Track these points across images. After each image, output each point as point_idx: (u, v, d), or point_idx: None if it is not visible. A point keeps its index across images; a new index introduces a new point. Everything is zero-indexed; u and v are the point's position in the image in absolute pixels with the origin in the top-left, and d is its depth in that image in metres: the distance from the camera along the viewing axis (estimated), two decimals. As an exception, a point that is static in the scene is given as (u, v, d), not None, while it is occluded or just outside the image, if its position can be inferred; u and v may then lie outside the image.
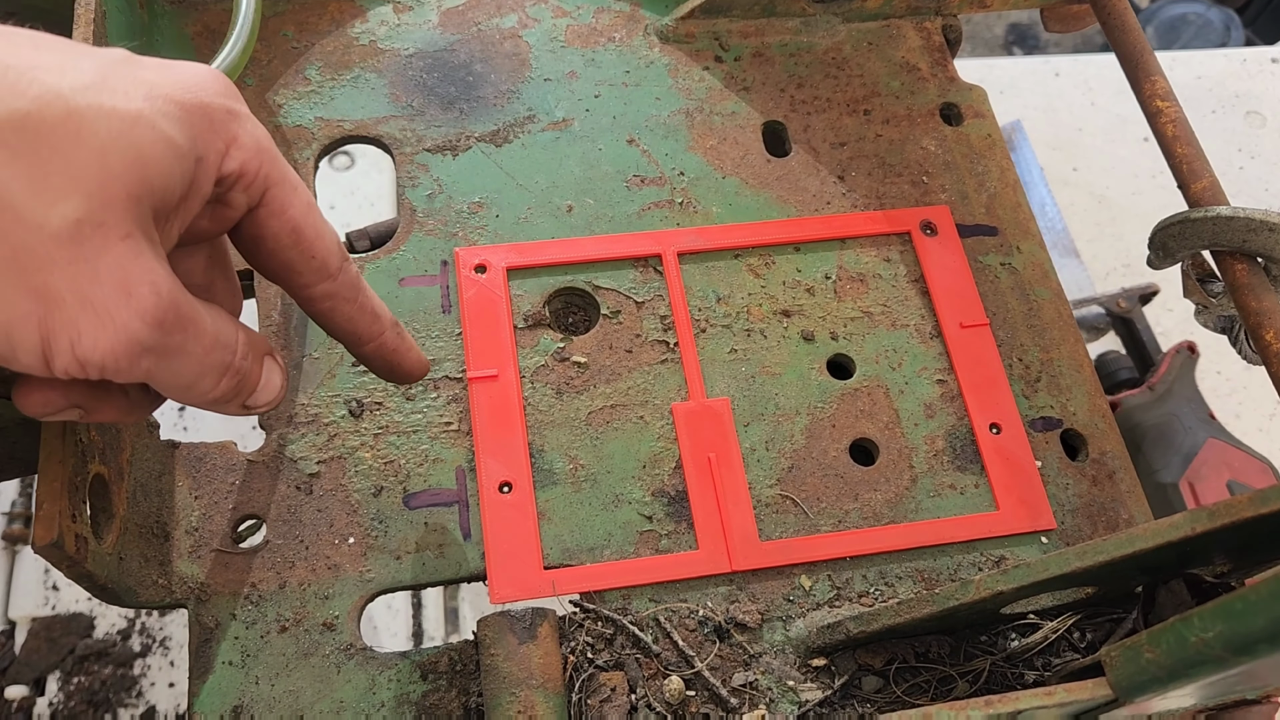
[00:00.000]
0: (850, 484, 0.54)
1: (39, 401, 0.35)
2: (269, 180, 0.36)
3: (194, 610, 0.48)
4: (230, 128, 0.34)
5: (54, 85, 0.30)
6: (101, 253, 0.30)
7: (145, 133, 0.31)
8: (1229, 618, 0.34)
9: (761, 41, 0.67)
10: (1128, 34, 0.64)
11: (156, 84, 0.32)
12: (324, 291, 0.39)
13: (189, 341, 0.33)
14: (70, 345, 0.30)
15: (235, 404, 0.37)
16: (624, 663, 0.48)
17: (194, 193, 0.33)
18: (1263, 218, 0.54)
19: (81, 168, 0.30)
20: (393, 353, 0.43)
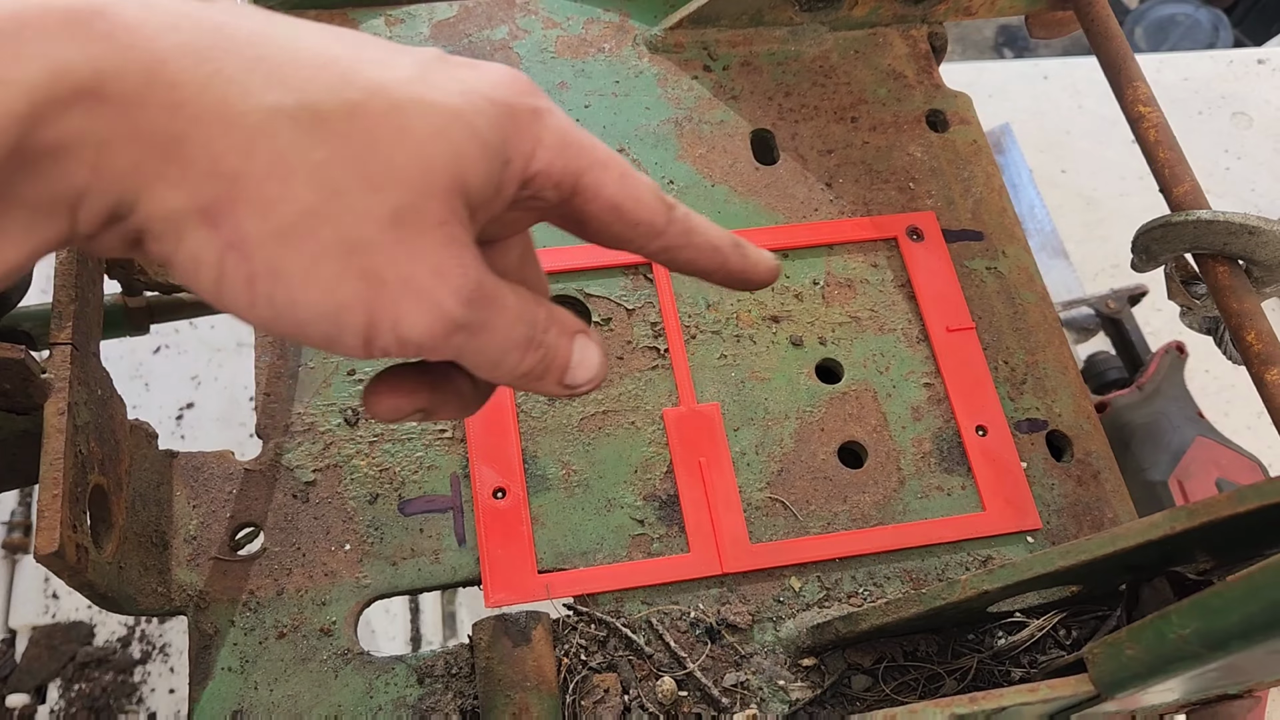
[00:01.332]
0: (839, 486, 0.55)
1: (389, 408, 0.36)
2: (578, 171, 0.36)
3: (193, 617, 0.49)
4: (534, 128, 0.35)
5: (379, 78, 0.31)
6: (419, 237, 0.31)
7: (462, 129, 0.32)
8: (1205, 614, 0.35)
9: (750, 51, 0.68)
10: (1110, 40, 0.65)
11: (469, 82, 0.33)
12: (658, 247, 0.39)
13: (494, 317, 0.34)
14: (392, 325, 0.31)
15: (549, 381, 0.37)
16: (617, 664, 0.49)
17: (502, 193, 0.34)
18: (1242, 221, 0.55)
19: (404, 158, 0.31)
20: (740, 273, 0.42)
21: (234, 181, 0.29)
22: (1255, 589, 0.32)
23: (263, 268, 0.29)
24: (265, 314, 0.30)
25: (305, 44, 0.30)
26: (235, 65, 0.29)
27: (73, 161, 0.27)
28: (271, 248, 0.29)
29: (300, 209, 0.29)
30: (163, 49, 0.28)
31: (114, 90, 0.27)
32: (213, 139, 0.28)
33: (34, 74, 0.26)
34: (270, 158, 0.29)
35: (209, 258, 0.29)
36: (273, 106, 0.29)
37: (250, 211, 0.29)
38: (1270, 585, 0.32)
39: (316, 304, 0.30)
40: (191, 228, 0.29)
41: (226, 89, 0.28)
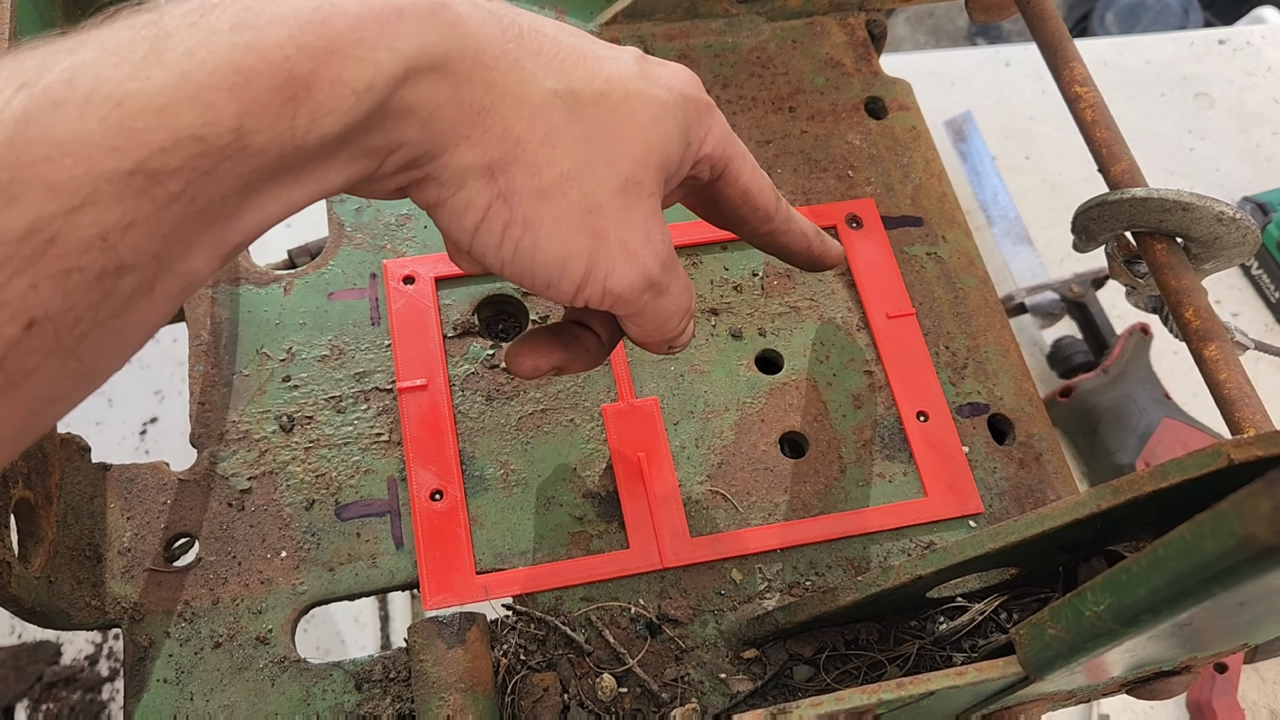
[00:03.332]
0: (780, 477, 0.55)
1: (530, 367, 0.44)
2: (728, 158, 0.43)
3: (128, 630, 0.49)
4: (708, 120, 0.42)
5: (615, 72, 0.38)
6: (637, 205, 0.38)
7: (670, 118, 0.39)
8: (1115, 590, 0.34)
9: (686, 43, 0.67)
10: (1046, 21, 0.65)
11: (668, 79, 0.40)
12: (767, 230, 0.47)
13: (674, 283, 0.41)
14: (605, 277, 0.38)
15: (677, 342, 0.45)
16: (556, 663, 0.49)
17: (679, 170, 0.41)
18: (1175, 197, 0.54)
19: (632, 138, 0.38)
20: (820, 256, 0.51)
21: (516, 145, 0.35)
22: (1158, 562, 0.32)
23: (519, 216, 0.36)
24: (507, 254, 0.37)
25: (562, 41, 0.37)
26: (525, 55, 0.35)
27: (411, 119, 0.33)
28: (531, 201, 0.36)
29: (560, 172, 0.36)
30: (482, 39, 0.34)
31: (453, 67, 0.33)
32: (509, 111, 0.35)
33: (410, 46, 0.31)
34: (545, 129, 0.35)
35: (479, 203, 0.35)
36: (550, 89, 0.36)
37: (522, 170, 0.35)
38: (1172, 557, 0.31)
39: (553, 250, 0.37)
40: (474, 178, 0.35)
41: (521, 74, 0.35)
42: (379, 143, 0.33)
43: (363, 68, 0.30)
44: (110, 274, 0.27)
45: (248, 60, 0.28)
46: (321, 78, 0.29)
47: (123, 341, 0.30)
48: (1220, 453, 0.34)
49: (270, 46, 0.29)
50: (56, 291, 0.26)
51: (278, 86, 0.29)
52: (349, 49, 0.30)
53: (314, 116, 0.30)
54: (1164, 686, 0.47)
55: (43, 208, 0.26)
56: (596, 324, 0.45)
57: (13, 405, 0.27)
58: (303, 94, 0.29)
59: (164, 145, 0.27)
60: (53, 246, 0.26)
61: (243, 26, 0.29)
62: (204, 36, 0.28)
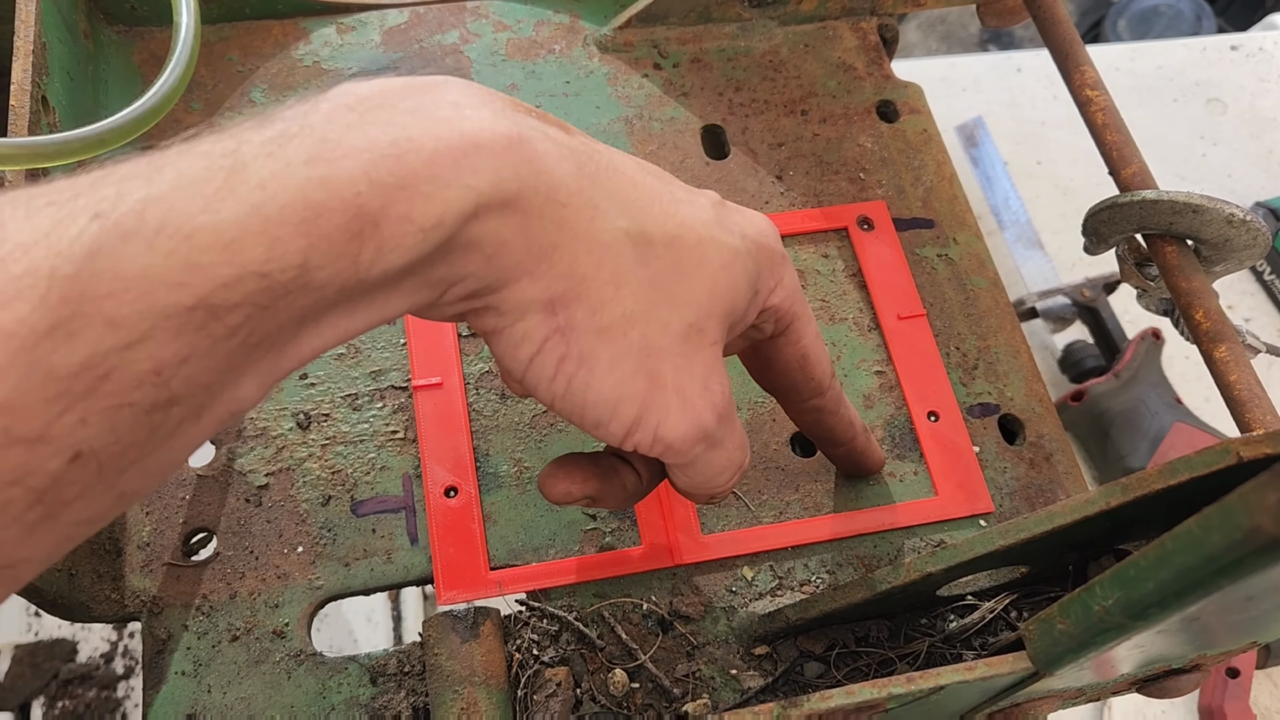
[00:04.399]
0: (791, 475, 0.55)
1: (561, 492, 0.42)
2: (795, 315, 0.43)
3: (147, 623, 0.49)
4: (780, 270, 0.42)
5: (689, 217, 0.38)
6: (698, 352, 0.38)
7: (739, 267, 0.39)
8: (1124, 584, 0.35)
9: (699, 47, 0.68)
10: (1057, 25, 0.66)
11: (745, 227, 0.40)
12: (814, 405, 0.47)
13: (729, 437, 0.40)
14: (656, 424, 0.37)
15: (710, 496, 0.43)
16: (569, 658, 0.49)
17: (744, 318, 0.41)
18: (1185, 200, 0.55)
19: (700, 285, 0.37)
20: (860, 454, 0.51)
21: (580, 282, 0.34)
22: (1166, 556, 0.32)
23: (575, 352, 0.35)
24: (560, 389, 0.36)
25: (639, 181, 0.37)
26: (599, 193, 0.35)
27: (476, 254, 0.32)
28: (590, 338, 0.35)
29: (622, 312, 0.35)
30: (558, 176, 0.33)
31: (524, 204, 0.32)
32: (577, 248, 0.34)
33: (483, 183, 0.31)
34: (612, 269, 0.35)
35: (537, 336, 0.35)
36: (622, 229, 0.35)
37: (584, 307, 0.35)
38: (1179, 551, 0.32)
39: (606, 391, 0.36)
40: (534, 312, 0.34)
41: (594, 212, 0.34)
42: (442, 275, 0.32)
43: (433, 205, 0.30)
44: (161, 407, 0.27)
45: (319, 195, 0.28)
46: (390, 214, 0.29)
47: (163, 466, 0.29)
48: (1229, 450, 0.34)
49: (343, 182, 0.28)
50: (105, 426, 0.26)
51: (346, 223, 0.28)
52: (421, 185, 0.30)
53: (379, 252, 0.29)
54: (1174, 685, 0.47)
55: (100, 343, 0.25)
56: (639, 463, 0.44)
57: (48, 533, 0.27)
58: (370, 230, 0.29)
59: (227, 281, 0.27)
60: (106, 382, 0.26)
61: (318, 160, 0.28)
62: (279, 168, 0.28)
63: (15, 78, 0.51)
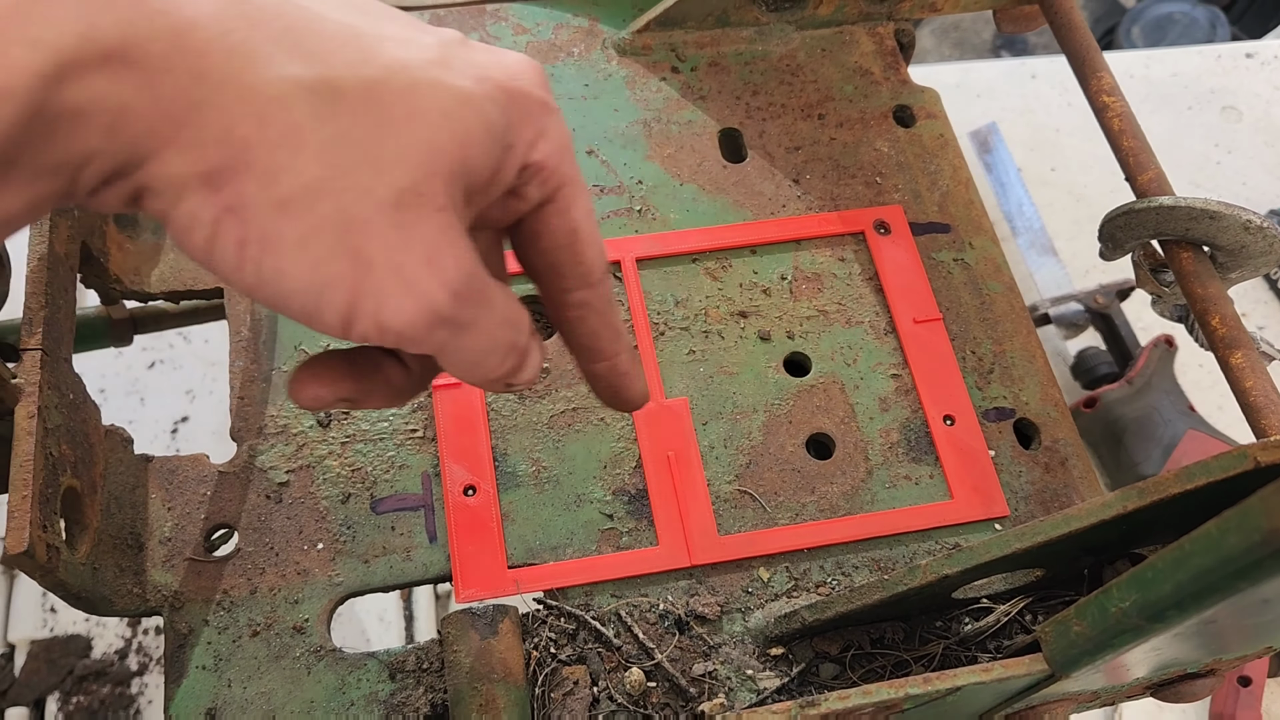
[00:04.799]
0: (807, 478, 0.55)
1: (310, 397, 0.36)
2: (564, 178, 0.36)
3: (168, 617, 0.50)
4: (542, 120, 0.35)
5: (401, 57, 0.31)
6: (417, 222, 0.31)
7: (472, 114, 0.32)
8: (1141, 586, 0.35)
9: (717, 51, 0.68)
10: (1074, 32, 0.66)
11: (486, 67, 0.33)
12: (580, 299, 0.39)
13: (481, 316, 0.33)
14: (375, 310, 0.31)
15: (501, 383, 0.37)
16: (586, 657, 0.50)
17: (498, 179, 0.34)
18: (1203, 206, 0.55)
19: (413, 139, 0.31)
20: (623, 375, 0.42)
21: (243, 149, 0.29)
22: (1184, 558, 0.33)
23: (256, 234, 0.29)
24: (250, 279, 0.30)
25: (331, 15, 0.31)
26: (261, 35, 0.29)
27: (88, 125, 0.27)
28: (269, 216, 0.29)
29: (304, 181, 0.29)
30: (191, 16, 0.28)
31: (140, 55, 0.27)
32: (229, 106, 0.28)
33: (61, 35, 0.25)
34: (283, 128, 0.29)
35: (205, 217, 0.29)
36: (293, 78, 0.29)
37: (254, 178, 0.29)
38: (1198, 553, 0.32)
39: (302, 277, 0.30)
40: (192, 190, 0.29)
41: (250, 59, 0.28)
42: (56, 158, 0.27)
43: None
44: None
45: None
46: None
47: None
48: (1246, 455, 0.34)
49: None
50: None
51: None
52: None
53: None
54: (1189, 689, 0.47)
55: None
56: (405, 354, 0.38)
57: None
58: None
59: None
60: None
61: None
62: None
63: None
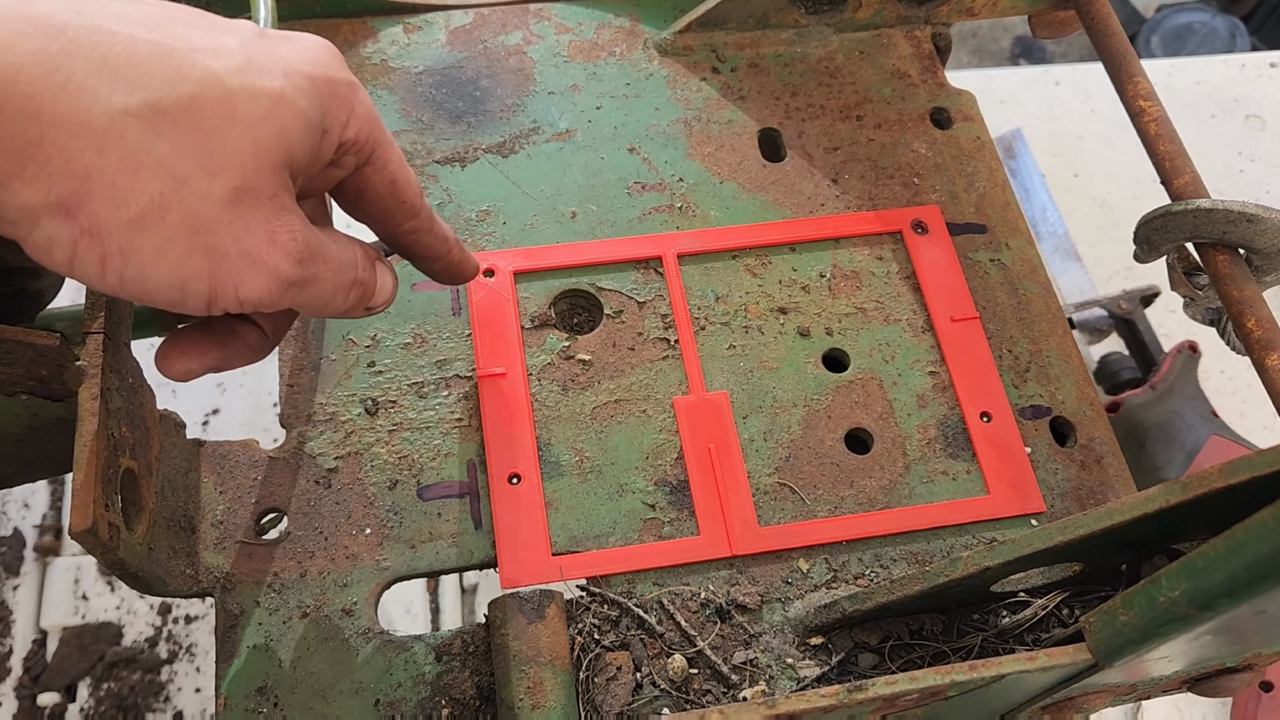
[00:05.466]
0: (846, 471, 0.56)
1: (181, 370, 0.41)
2: (375, 143, 0.41)
3: (220, 598, 0.51)
4: (350, 101, 0.39)
5: (211, 68, 0.34)
6: (253, 211, 0.35)
7: (287, 110, 0.36)
8: (1191, 575, 0.36)
9: (757, 53, 0.69)
10: (1110, 37, 0.67)
11: (291, 61, 0.37)
12: (410, 227, 0.45)
13: (321, 269, 0.39)
14: (234, 289, 0.36)
15: (359, 310, 0.43)
16: (629, 643, 0.50)
17: (318, 159, 0.39)
18: (1240, 209, 0.56)
19: (237, 143, 0.34)
20: (457, 265, 0.49)
21: (87, 178, 0.32)
22: (1237, 546, 0.33)
23: (115, 249, 0.33)
24: (114, 285, 0.34)
25: (141, 37, 0.33)
26: (83, 70, 0.31)
27: None
28: (124, 233, 0.33)
29: (149, 198, 0.33)
30: (15, 61, 0.30)
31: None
32: (67, 141, 0.31)
33: None
34: (120, 154, 0.32)
35: (63, 240, 0.32)
36: (120, 107, 0.32)
37: (104, 203, 0.32)
38: (1252, 541, 0.33)
39: (165, 278, 0.34)
40: (47, 217, 0.32)
41: (78, 95, 0.31)
42: None
43: None
44: None
45: None
46: None
47: None
48: (1294, 448, 0.35)
49: None
50: None
51: None
52: None
53: None
54: (1226, 683, 0.48)
55: None
56: (258, 315, 0.42)
57: None
58: None
59: None
60: None
61: None
62: None
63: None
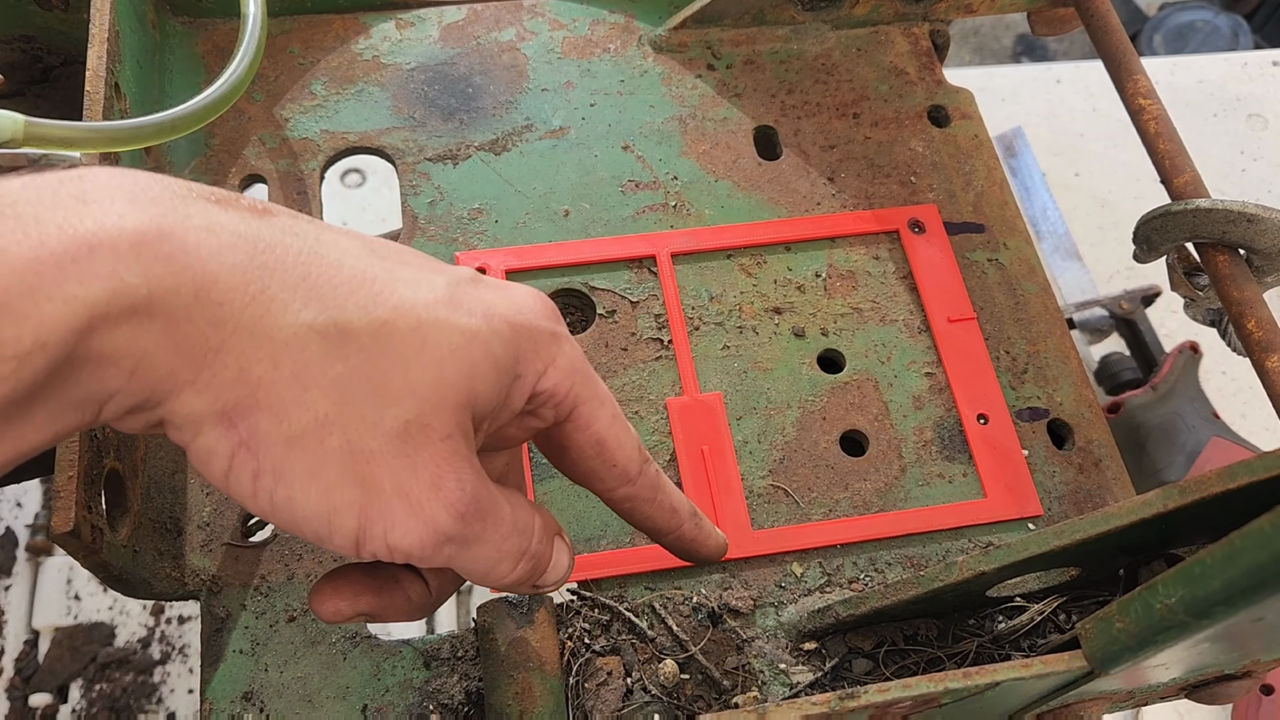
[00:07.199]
0: (840, 474, 0.56)
1: (330, 611, 0.38)
2: (578, 399, 0.38)
3: (206, 601, 0.50)
4: (550, 350, 0.37)
5: (410, 298, 0.33)
6: (421, 450, 0.33)
7: (478, 350, 0.34)
8: (1188, 582, 0.35)
9: (752, 49, 0.69)
10: (1110, 34, 0.66)
11: (494, 304, 0.36)
12: (624, 494, 0.42)
13: (488, 530, 0.36)
14: (384, 533, 0.33)
15: (526, 586, 0.40)
16: (620, 648, 0.50)
17: (507, 406, 0.37)
18: (1240, 209, 0.55)
19: (420, 375, 0.33)
20: (690, 542, 0.45)
21: (256, 388, 0.31)
22: (1235, 553, 0.33)
23: (268, 466, 0.32)
24: (265, 506, 0.33)
25: (348, 263, 0.33)
26: (279, 284, 0.31)
27: (113, 369, 0.29)
28: (279, 450, 0.32)
29: (314, 417, 0.32)
30: (215, 270, 0.30)
31: (163, 308, 0.29)
32: (245, 350, 0.30)
33: (96, 292, 0.27)
34: (294, 368, 0.31)
35: (222, 452, 0.32)
36: (306, 323, 0.31)
37: (267, 416, 0.31)
38: (1250, 549, 0.32)
39: (313, 505, 0.32)
40: (210, 426, 0.31)
41: (268, 306, 0.31)
42: (81, 395, 0.29)
43: (27, 324, 0.27)
44: None
45: None
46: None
47: None
48: (1293, 453, 0.34)
49: None
50: None
51: None
52: (12, 304, 0.26)
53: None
54: (1225, 690, 0.47)
55: None
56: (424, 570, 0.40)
57: None
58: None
59: None
60: None
61: None
62: None
63: (91, 64, 0.52)
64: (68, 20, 0.62)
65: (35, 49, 0.64)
